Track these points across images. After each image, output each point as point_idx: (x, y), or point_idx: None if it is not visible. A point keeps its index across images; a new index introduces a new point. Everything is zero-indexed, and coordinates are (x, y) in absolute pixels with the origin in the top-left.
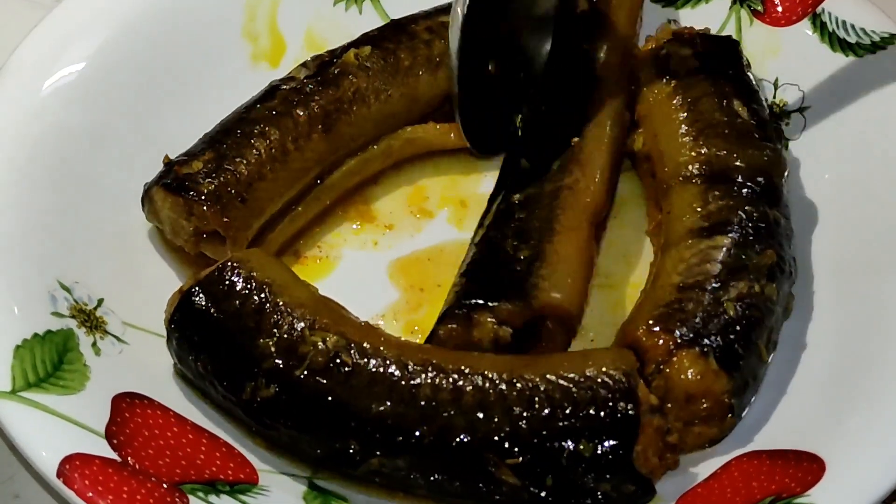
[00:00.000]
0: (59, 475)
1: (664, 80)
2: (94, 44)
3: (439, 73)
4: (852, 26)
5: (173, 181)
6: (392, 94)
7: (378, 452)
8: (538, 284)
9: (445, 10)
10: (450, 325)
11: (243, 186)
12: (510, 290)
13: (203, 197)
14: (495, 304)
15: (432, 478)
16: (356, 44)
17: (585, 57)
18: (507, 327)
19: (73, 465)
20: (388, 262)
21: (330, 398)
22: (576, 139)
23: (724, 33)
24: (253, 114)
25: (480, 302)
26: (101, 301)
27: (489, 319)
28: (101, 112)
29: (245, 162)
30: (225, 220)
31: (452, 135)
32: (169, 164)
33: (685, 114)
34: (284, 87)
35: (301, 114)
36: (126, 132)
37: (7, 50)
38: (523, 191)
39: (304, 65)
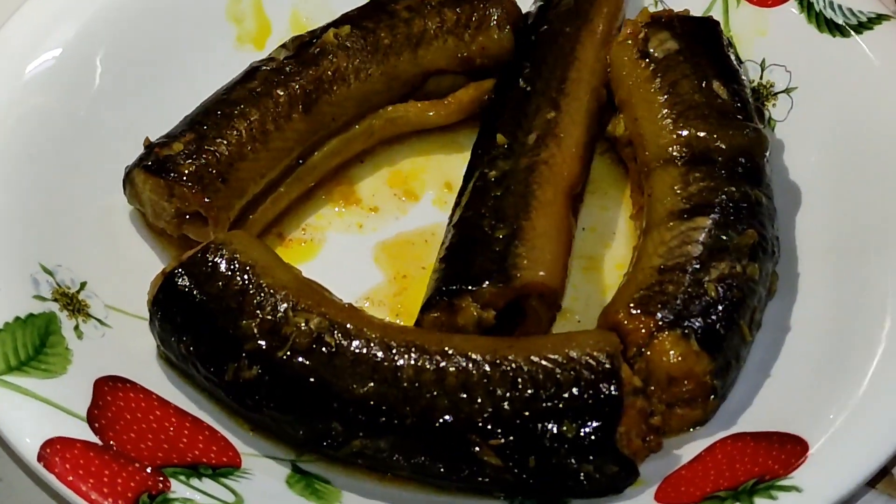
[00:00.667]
0: (39, 459)
1: (643, 64)
2: (77, 26)
3: (419, 51)
4: (839, 6)
5: (154, 163)
6: (372, 73)
7: (361, 434)
8: (518, 263)
9: None
10: (433, 315)
11: (224, 167)
12: (490, 271)
13: (184, 178)
14: (476, 287)
15: (415, 459)
16: (336, 23)
17: (565, 34)
18: (491, 309)
19: (53, 449)
20: (372, 245)
21: (312, 379)
22: (552, 114)
23: (710, 14)
24: (233, 95)
25: (461, 287)
26: (83, 284)
27: (471, 304)
28: (83, 95)
29: (225, 142)
30: (206, 200)
31: (433, 113)
32: (149, 146)
33: (665, 96)
34: (264, 67)
35: (281, 94)
36: (109, 115)
37: None
38: (499, 167)
39: (284, 45)
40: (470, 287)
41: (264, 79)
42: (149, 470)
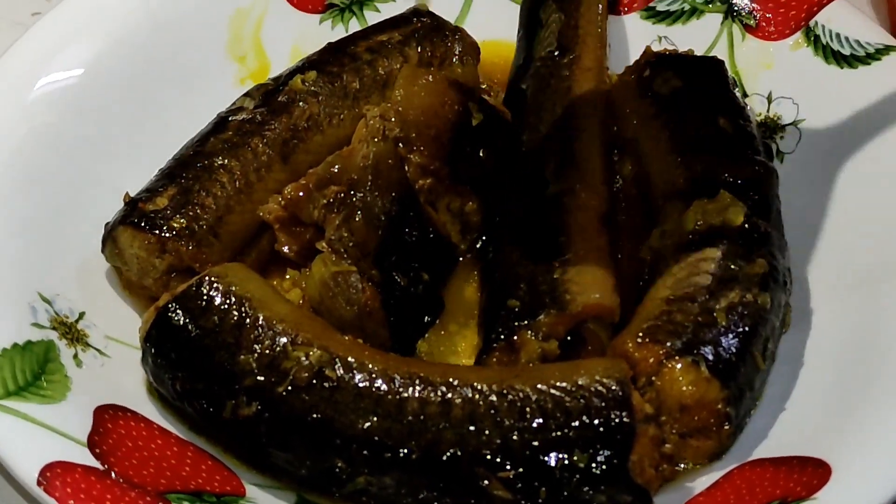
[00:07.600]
0: (39, 483)
1: (648, 102)
2: (82, 53)
3: (387, 91)
4: (846, 38)
5: (140, 219)
6: (344, 118)
7: (365, 470)
8: (570, 289)
9: (381, 28)
10: (494, 357)
11: (214, 221)
12: (543, 302)
13: (175, 233)
14: (533, 320)
15: (422, 495)
16: (300, 69)
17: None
18: (553, 340)
19: (54, 473)
20: None
21: (314, 415)
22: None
23: (716, 49)
24: (208, 146)
25: (518, 323)
26: (82, 314)
27: (531, 338)
28: (87, 119)
29: (212, 196)
30: (203, 256)
31: None
32: (131, 201)
33: (670, 133)
34: (234, 117)
35: (258, 143)
36: (112, 142)
37: None
38: (524, 203)
39: (248, 94)
40: (527, 321)
41: (237, 129)
42: (152, 496)
